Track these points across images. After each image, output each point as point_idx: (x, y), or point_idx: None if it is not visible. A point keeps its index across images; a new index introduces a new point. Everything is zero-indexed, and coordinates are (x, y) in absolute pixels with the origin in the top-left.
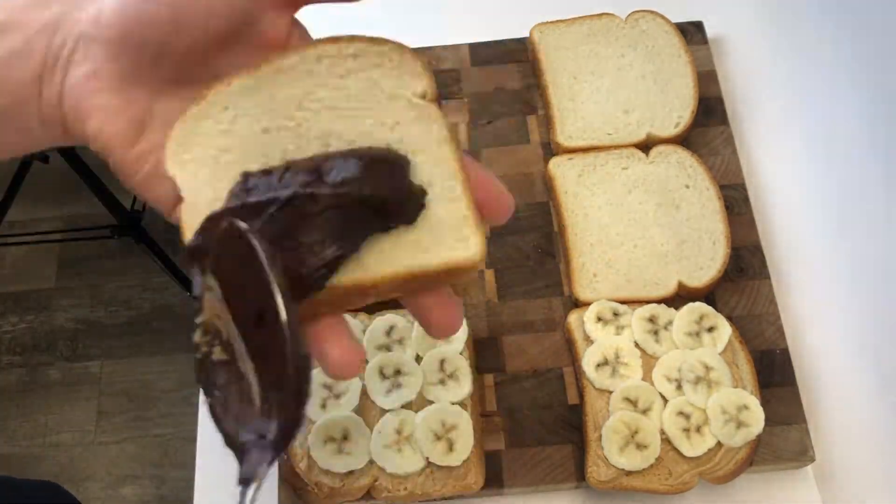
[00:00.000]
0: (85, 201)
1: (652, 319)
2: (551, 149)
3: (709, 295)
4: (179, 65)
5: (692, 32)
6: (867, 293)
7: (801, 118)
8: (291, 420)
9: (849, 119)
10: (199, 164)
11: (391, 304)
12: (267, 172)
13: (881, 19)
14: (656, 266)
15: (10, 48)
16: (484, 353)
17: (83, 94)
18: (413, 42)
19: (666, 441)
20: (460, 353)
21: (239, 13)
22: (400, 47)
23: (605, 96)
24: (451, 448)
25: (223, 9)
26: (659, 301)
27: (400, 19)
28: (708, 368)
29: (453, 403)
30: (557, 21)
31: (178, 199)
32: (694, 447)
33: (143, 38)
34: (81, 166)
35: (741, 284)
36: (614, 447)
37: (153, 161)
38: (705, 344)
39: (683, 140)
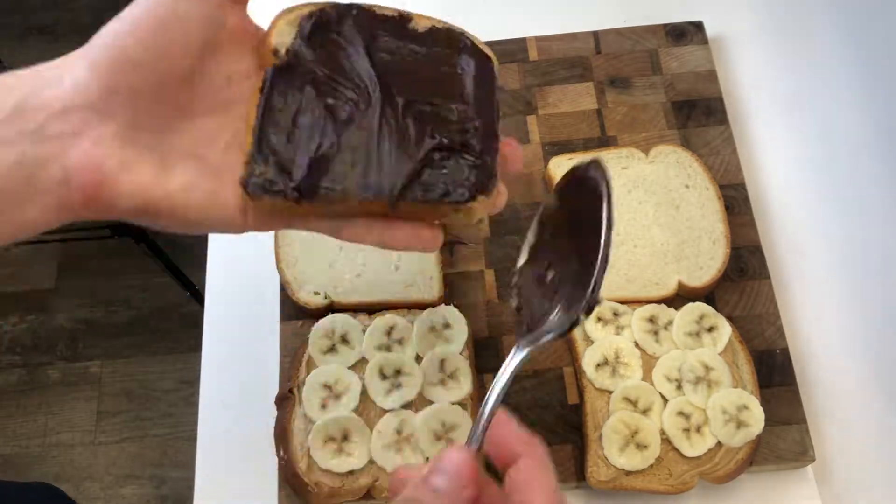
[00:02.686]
0: None
1: (652, 319)
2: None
3: (709, 295)
4: (173, 93)
5: (692, 32)
6: (867, 293)
7: (801, 118)
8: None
9: (849, 119)
10: None
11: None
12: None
13: (881, 19)
14: (656, 266)
15: None
16: (484, 353)
17: (97, 164)
18: None
19: (666, 441)
20: (460, 353)
21: (208, 21)
22: None
23: None
24: None
25: (194, 25)
26: (659, 301)
27: None
28: (708, 368)
29: (453, 403)
30: None
31: (244, 209)
32: (694, 447)
33: (129, 88)
34: None
35: (741, 284)
36: (614, 447)
37: (199, 191)
38: (705, 344)
39: (683, 140)
